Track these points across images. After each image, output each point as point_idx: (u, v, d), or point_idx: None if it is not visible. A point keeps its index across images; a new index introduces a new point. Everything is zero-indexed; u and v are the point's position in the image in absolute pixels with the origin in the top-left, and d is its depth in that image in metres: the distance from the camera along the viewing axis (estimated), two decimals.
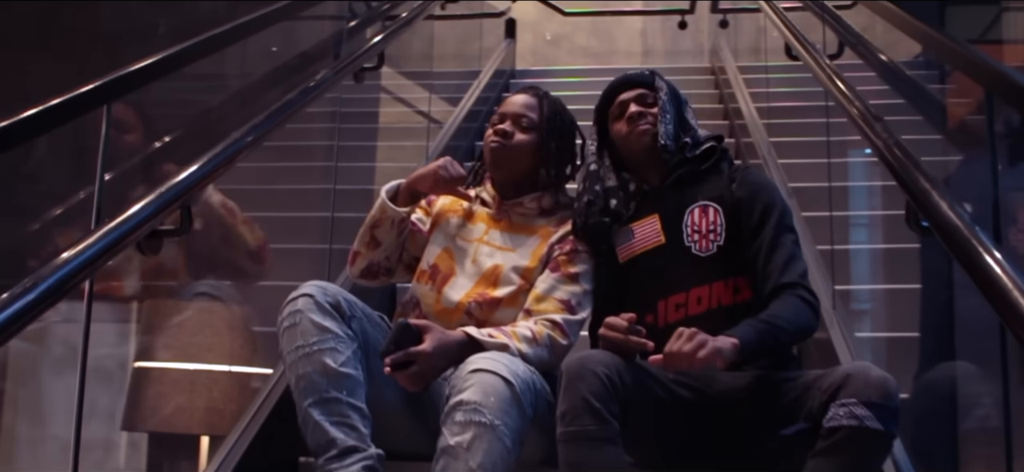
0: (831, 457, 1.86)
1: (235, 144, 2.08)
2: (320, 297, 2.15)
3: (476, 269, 2.43)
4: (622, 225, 2.39)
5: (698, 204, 2.32)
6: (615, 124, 2.44)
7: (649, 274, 2.32)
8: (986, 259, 1.38)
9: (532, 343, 2.24)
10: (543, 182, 2.50)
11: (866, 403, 1.83)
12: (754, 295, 2.25)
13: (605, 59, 7.44)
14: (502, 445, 1.97)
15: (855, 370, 1.90)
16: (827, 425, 1.86)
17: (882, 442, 1.86)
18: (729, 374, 2.11)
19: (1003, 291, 1.31)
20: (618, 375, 1.97)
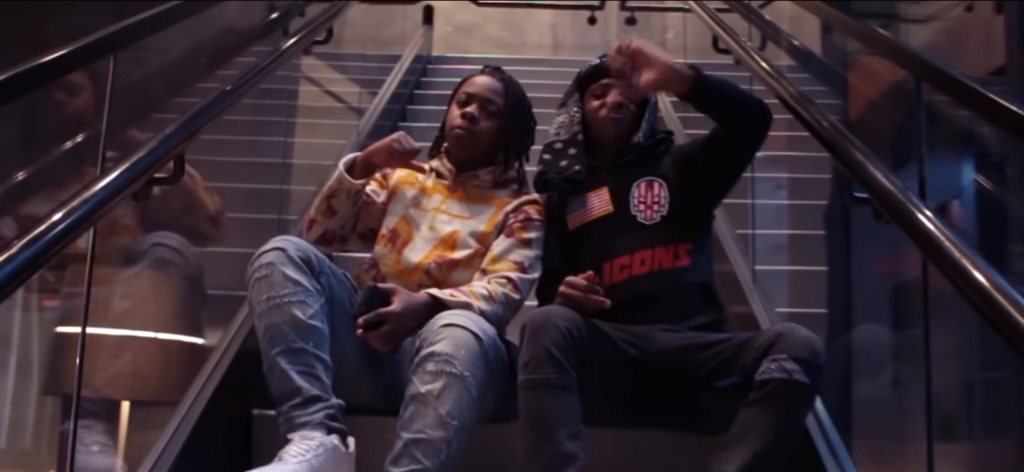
0: (762, 406, 2.05)
1: (222, 98, 2.18)
2: (292, 251, 2.25)
3: (434, 234, 2.58)
4: (577, 195, 2.57)
5: (645, 179, 2.53)
6: (593, 100, 2.61)
7: (598, 239, 2.51)
8: (918, 217, 1.59)
9: (490, 301, 2.40)
10: (500, 158, 2.68)
11: (795, 358, 2.03)
12: (692, 263, 2.46)
13: (515, 50, 7.59)
14: (469, 395, 2.11)
15: (786, 330, 2.10)
16: (759, 378, 2.06)
17: (807, 394, 2.07)
18: (669, 335, 2.31)
19: (932, 238, 1.53)
20: (577, 329, 2.15)
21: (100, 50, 1.69)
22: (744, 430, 2.06)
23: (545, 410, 2.09)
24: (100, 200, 1.47)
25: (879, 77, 3.72)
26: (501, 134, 2.66)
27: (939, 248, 1.49)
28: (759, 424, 2.05)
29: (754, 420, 2.06)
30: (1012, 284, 1.31)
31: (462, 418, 2.10)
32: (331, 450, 2.19)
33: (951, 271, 1.43)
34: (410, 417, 2.10)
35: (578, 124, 2.61)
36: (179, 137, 1.89)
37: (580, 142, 2.60)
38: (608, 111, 2.56)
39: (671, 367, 2.28)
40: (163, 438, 2.08)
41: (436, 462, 2.06)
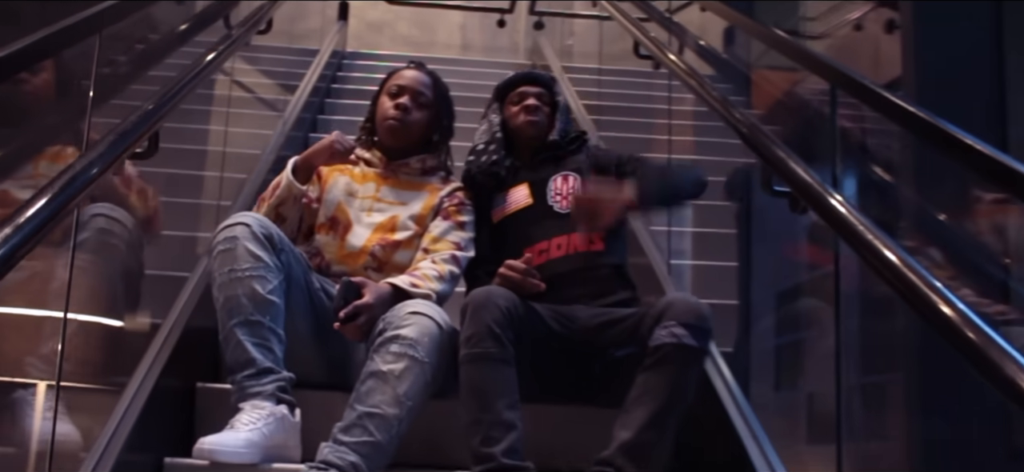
0: (656, 370, 2.25)
1: (189, 80, 2.26)
2: (256, 228, 2.37)
3: (372, 219, 2.73)
4: (499, 191, 2.81)
5: (561, 173, 2.80)
6: (511, 107, 2.88)
7: (519, 228, 2.75)
8: (834, 204, 1.82)
9: (441, 281, 2.58)
10: (429, 147, 2.87)
11: (684, 325, 2.24)
12: (606, 247, 2.69)
13: (425, 49, 7.71)
14: (425, 379, 2.26)
15: (675, 299, 2.32)
16: (652, 344, 2.26)
17: (696, 356, 2.27)
18: (589, 312, 2.52)
19: (847, 223, 1.75)
20: (515, 308, 2.33)
21: (87, 29, 1.76)
22: (641, 393, 2.25)
23: (486, 382, 2.25)
24: (89, 177, 1.55)
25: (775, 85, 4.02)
26: (431, 124, 2.86)
27: (854, 231, 1.71)
28: (654, 387, 2.24)
29: (650, 383, 2.25)
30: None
31: (416, 400, 2.24)
32: (281, 419, 2.31)
33: (866, 251, 1.64)
34: (367, 391, 2.23)
35: (498, 126, 2.87)
36: (157, 114, 1.98)
37: (499, 140, 2.85)
38: (525, 115, 2.84)
39: (592, 343, 2.48)
40: (117, 412, 2.15)
41: (387, 436, 2.20)
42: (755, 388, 2.63)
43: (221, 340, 2.36)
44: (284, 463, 2.27)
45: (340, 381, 2.56)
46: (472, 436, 2.24)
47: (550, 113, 2.89)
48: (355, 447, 2.17)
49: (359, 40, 7.12)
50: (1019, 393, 1.22)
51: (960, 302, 1.34)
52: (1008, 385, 1.23)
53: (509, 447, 2.19)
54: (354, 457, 2.16)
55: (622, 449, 2.20)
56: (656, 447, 2.22)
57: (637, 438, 2.20)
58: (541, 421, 2.47)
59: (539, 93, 2.90)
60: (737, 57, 4.51)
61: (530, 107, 2.86)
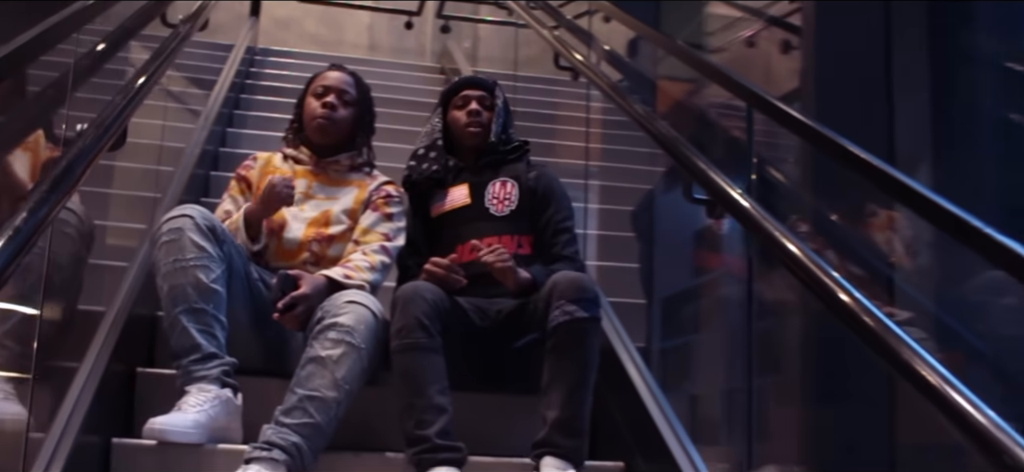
0: (560, 350, 2.44)
1: (150, 76, 2.35)
2: (199, 220, 2.48)
3: (306, 214, 2.85)
4: (440, 189, 2.96)
5: (500, 179, 2.96)
6: (455, 111, 3.02)
7: (455, 225, 2.91)
8: (746, 206, 2.05)
9: (373, 271, 2.72)
10: (355, 144, 3.01)
11: (573, 300, 2.43)
12: (533, 252, 2.86)
13: (333, 48, 7.77)
14: (362, 365, 2.41)
15: (557, 279, 2.51)
16: (550, 326, 2.44)
17: (591, 326, 2.46)
18: (506, 302, 2.70)
19: (758, 223, 1.97)
20: (441, 301, 2.51)
21: (66, 29, 1.85)
22: (554, 373, 2.44)
23: (417, 369, 2.41)
24: (82, 169, 1.65)
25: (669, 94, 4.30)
26: (356, 121, 3.00)
27: (762, 229, 1.94)
28: (563, 365, 2.43)
29: (558, 363, 2.44)
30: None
31: (353, 384, 2.39)
32: (225, 402, 2.43)
33: (776, 249, 1.87)
34: (307, 376, 2.36)
35: (439, 132, 3.03)
36: (127, 111, 2.08)
37: (440, 147, 3.01)
38: (468, 118, 2.99)
39: (509, 331, 2.66)
40: (72, 395, 2.22)
41: (325, 418, 2.33)
42: (667, 380, 2.85)
43: (165, 326, 2.46)
44: (227, 444, 2.40)
45: (276, 368, 2.69)
46: (406, 420, 2.39)
47: (492, 116, 3.02)
48: (297, 428, 2.29)
49: (267, 36, 7.14)
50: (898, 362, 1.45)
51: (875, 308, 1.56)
52: (891, 356, 1.46)
53: (442, 429, 2.36)
54: (296, 438, 2.28)
55: (555, 427, 2.39)
56: (581, 416, 2.42)
57: (564, 413, 2.39)
58: (468, 408, 2.62)
59: (481, 96, 3.04)
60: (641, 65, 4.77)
61: (473, 110, 3.00)
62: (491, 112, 3.03)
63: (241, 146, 4.56)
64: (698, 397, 2.97)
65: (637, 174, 4.22)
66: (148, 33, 3.02)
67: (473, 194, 2.95)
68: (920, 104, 3.60)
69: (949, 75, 3.75)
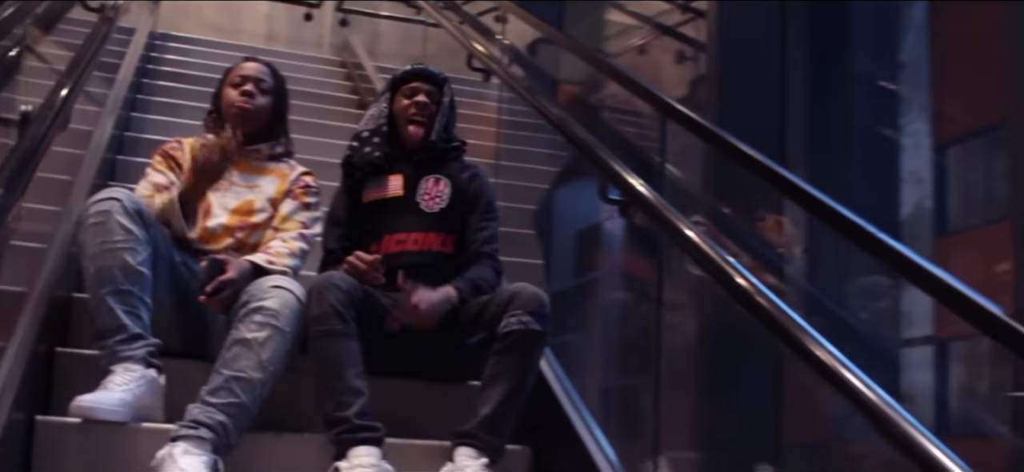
0: (507, 353, 2.57)
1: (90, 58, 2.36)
2: (127, 203, 2.52)
3: (228, 203, 2.92)
4: (377, 175, 3.01)
5: (434, 176, 3.01)
6: (402, 99, 3.05)
7: (385, 214, 2.97)
8: (659, 208, 2.21)
9: (293, 257, 2.83)
10: (274, 133, 3.08)
11: (530, 312, 2.58)
12: (456, 251, 2.95)
13: (230, 35, 7.69)
14: (286, 347, 2.50)
15: (519, 289, 2.65)
16: (502, 331, 2.58)
17: (542, 338, 2.62)
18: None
19: (660, 213, 2.14)
20: (355, 290, 2.60)
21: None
22: (495, 374, 2.58)
23: (334, 355, 2.51)
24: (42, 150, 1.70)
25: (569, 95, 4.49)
26: (274, 110, 3.08)
27: (676, 229, 2.12)
28: (507, 367, 2.57)
29: (502, 365, 2.58)
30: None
31: (277, 366, 2.48)
32: (150, 382, 2.49)
33: (688, 246, 2.05)
34: (233, 357, 2.44)
35: (384, 118, 3.06)
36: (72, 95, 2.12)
37: (384, 133, 3.04)
38: (414, 112, 3.03)
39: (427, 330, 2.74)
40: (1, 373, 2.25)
41: (251, 398, 2.41)
42: (571, 369, 3.02)
43: (91, 307, 2.51)
44: (150, 423, 2.46)
45: (197, 350, 2.75)
46: (326, 403, 2.49)
47: (437, 112, 3.05)
48: (223, 408, 2.37)
49: (166, 22, 7.04)
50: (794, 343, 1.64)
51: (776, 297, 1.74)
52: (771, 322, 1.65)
53: (360, 410, 2.46)
54: (222, 417, 2.35)
55: (483, 423, 2.53)
56: (510, 418, 2.57)
57: (495, 412, 2.53)
58: (381, 394, 2.69)
59: (430, 91, 3.06)
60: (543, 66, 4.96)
61: (420, 103, 3.02)
62: (437, 108, 3.05)
63: (145, 131, 4.55)
64: (600, 385, 3.15)
65: (538, 174, 4.40)
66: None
67: (406, 186, 2.99)
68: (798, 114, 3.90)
69: (825, 89, 4.05)
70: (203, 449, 2.30)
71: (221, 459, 2.33)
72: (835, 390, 1.59)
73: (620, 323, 3.32)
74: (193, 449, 2.28)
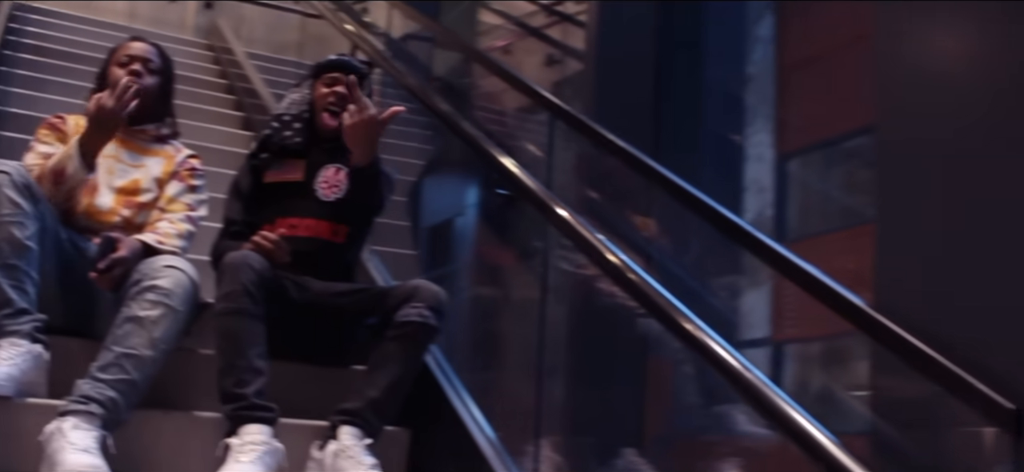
0: (401, 341, 2.68)
1: None
2: (16, 177, 2.51)
3: (114, 182, 2.92)
4: (281, 158, 3.07)
5: (335, 165, 3.06)
6: (322, 87, 3.11)
7: (282, 197, 3.03)
8: (547, 201, 2.37)
9: (181, 238, 2.86)
10: (160, 114, 3.09)
11: (430, 308, 2.70)
12: (347, 242, 3.03)
13: (91, 11, 7.42)
14: (178, 326, 2.54)
15: (421, 284, 2.77)
16: (400, 320, 2.69)
17: (434, 334, 2.74)
18: (320, 284, 2.89)
19: (544, 204, 2.29)
20: (267, 271, 2.67)
21: None
22: (385, 360, 2.68)
23: (241, 333, 2.57)
24: None
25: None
26: (161, 89, 3.09)
27: (565, 222, 2.28)
28: (398, 355, 2.68)
29: (394, 352, 2.68)
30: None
31: (169, 344, 2.52)
32: (36, 357, 2.49)
33: (572, 233, 2.21)
34: (125, 334, 2.46)
35: (307, 104, 3.12)
36: None
37: (306, 120, 3.10)
38: (333, 100, 3.08)
39: (324, 310, 2.86)
40: None
41: (141, 376, 2.44)
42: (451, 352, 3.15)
43: None
44: (35, 398, 2.45)
45: (82, 328, 2.75)
46: (225, 378, 2.54)
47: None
48: (113, 384, 2.39)
49: None
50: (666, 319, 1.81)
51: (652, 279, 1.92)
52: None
53: (258, 390, 2.53)
54: (112, 393, 2.37)
55: (369, 404, 2.61)
56: (394, 404, 2.68)
57: (382, 396, 2.63)
58: (283, 377, 2.77)
59: (351, 82, 3.06)
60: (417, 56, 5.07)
61: (340, 94, 3.06)
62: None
63: (9, 104, 4.44)
64: (479, 370, 3.29)
65: (412, 168, 4.51)
66: None
67: (307, 172, 3.05)
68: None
69: (678, 96, 4.30)
70: (93, 424, 2.31)
71: (110, 435, 2.34)
72: (702, 358, 1.76)
73: (494, 312, 3.47)
74: (83, 424, 2.30)
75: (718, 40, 5.02)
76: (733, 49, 5.28)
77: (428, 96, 3.33)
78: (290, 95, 3.20)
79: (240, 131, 5.30)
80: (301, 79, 3.23)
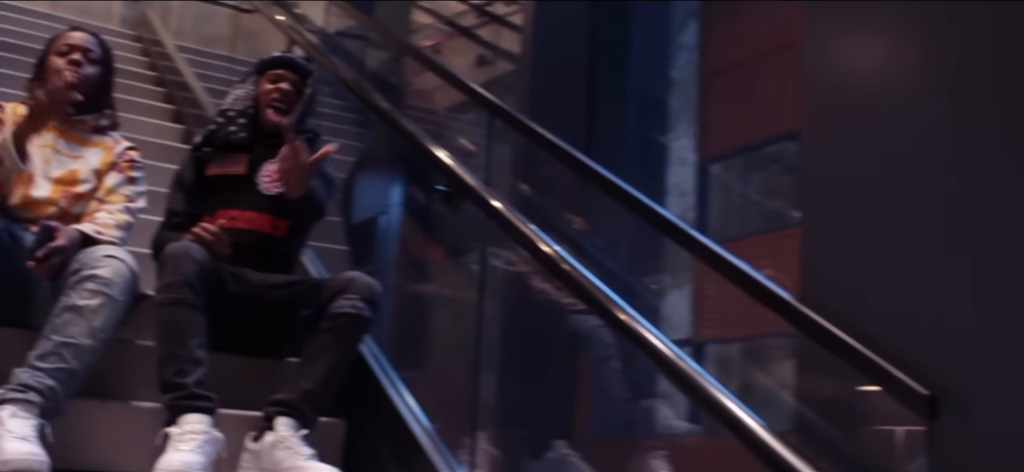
0: (335, 333, 2.72)
1: None
2: None
3: (51, 172, 2.91)
4: (225, 151, 3.08)
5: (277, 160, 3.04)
6: (266, 83, 3.14)
7: (223, 189, 3.05)
8: (469, 181, 2.44)
9: (119, 229, 2.86)
10: (99, 105, 3.08)
11: (364, 299, 2.75)
12: (288, 236, 3.06)
13: None
14: (117, 316, 2.55)
15: (355, 276, 2.82)
16: (334, 311, 2.73)
17: (368, 325, 2.79)
18: (257, 275, 2.92)
19: (480, 197, 2.36)
20: (207, 262, 2.69)
21: None
22: (319, 351, 2.71)
23: (182, 323, 2.59)
24: None
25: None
26: (101, 81, 3.09)
27: (504, 217, 2.36)
28: (332, 346, 2.71)
29: (329, 343, 2.72)
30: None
31: (108, 334, 2.53)
32: None
33: (510, 228, 2.29)
34: (64, 323, 2.47)
35: (252, 100, 3.14)
36: None
37: (251, 115, 3.12)
38: (278, 96, 3.12)
39: (260, 302, 2.89)
40: None
41: (80, 364, 2.46)
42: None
43: None
44: None
45: (19, 318, 2.73)
46: (165, 367, 2.56)
47: (297, 101, 3.11)
48: (52, 373, 2.39)
49: None
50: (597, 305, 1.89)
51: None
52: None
53: (198, 380, 2.55)
54: (51, 382, 2.38)
55: (304, 395, 2.65)
56: (328, 395, 2.72)
57: (317, 387, 2.66)
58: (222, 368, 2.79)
59: (294, 80, 3.15)
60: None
61: (284, 91, 3.12)
62: (299, 97, 3.12)
63: None
64: (416, 363, 3.35)
65: (343, 164, 4.53)
66: None
67: (250, 166, 3.07)
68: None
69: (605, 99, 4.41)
70: (31, 413, 2.32)
71: (49, 424, 2.35)
72: (635, 345, 1.84)
73: (429, 307, 3.53)
74: (21, 412, 2.31)
75: (643, 44, 5.10)
76: (658, 54, 5.36)
77: (367, 92, 3.37)
78: (235, 91, 3.22)
79: (171, 124, 5.26)
80: (246, 75, 3.25)
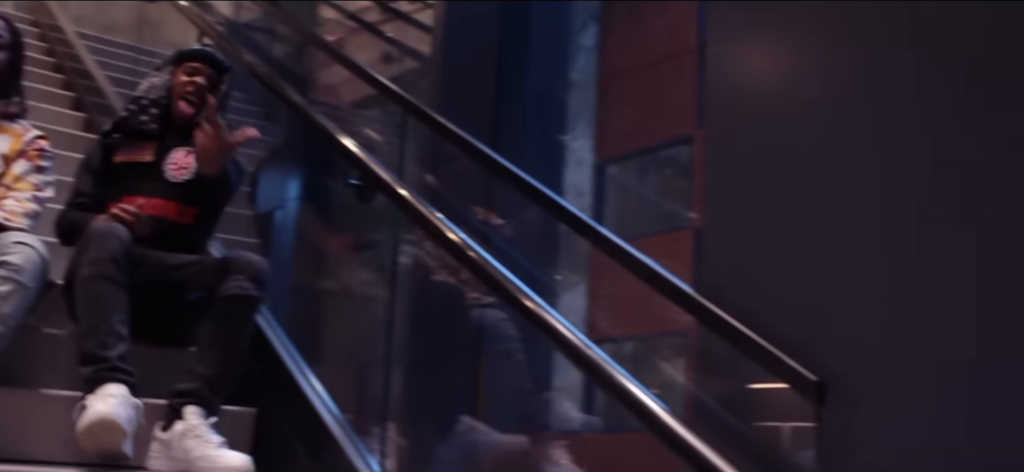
0: (226, 316, 2.74)
1: None
2: None
3: None
4: (134, 140, 3.10)
5: (186, 148, 3.11)
6: (182, 76, 3.16)
7: (130, 177, 3.06)
8: (383, 176, 2.53)
9: (27, 217, 2.86)
10: (8, 91, 3.07)
11: (250, 278, 2.78)
12: (195, 223, 3.09)
13: None
14: (28, 303, 2.57)
15: (239, 256, 2.87)
16: (222, 295, 2.75)
17: (257, 304, 2.83)
18: (156, 254, 2.89)
19: (411, 204, 2.46)
20: (130, 244, 2.72)
21: None
22: (215, 335, 2.73)
23: (106, 298, 2.61)
24: None
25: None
26: (11, 66, 3.07)
27: (415, 209, 2.44)
28: (226, 329, 2.74)
29: (221, 326, 2.74)
30: None
31: (19, 320, 2.54)
32: None
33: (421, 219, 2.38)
34: None
35: (165, 90, 3.15)
36: None
37: (164, 106, 3.14)
38: (192, 89, 3.14)
39: (161, 283, 2.88)
40: None
41: None
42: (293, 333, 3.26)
43: None
44: None
45: None
46: (87, 340, 2.56)
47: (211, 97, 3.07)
48: None
49: None
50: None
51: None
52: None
53: (120, 354, 2.57)
54: None
55: (205, 382, 2.66)
56: (230, 380, 2.75)
57: (216, 372, 2.69)
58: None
59: (210, 75, 3.17)
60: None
61: (199, 85, 3.14)
62: (213, 94, 3.11)
63: None
64: (325, 352, 3.41)
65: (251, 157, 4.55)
66: None
67: (158, 154, 3.09)
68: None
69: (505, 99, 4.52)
70: None
71: None
72: (542, 332, 1.94)
73: (335, 299, 3.59)
74: None
75: (543, 45, 5.18)
76: (558, 55, 5.45)
77: (279, 85, 3.41)
78: (149, 79, 3.23)
79: (71, 112, 5.18)
80: (161, 64, 3.27)
